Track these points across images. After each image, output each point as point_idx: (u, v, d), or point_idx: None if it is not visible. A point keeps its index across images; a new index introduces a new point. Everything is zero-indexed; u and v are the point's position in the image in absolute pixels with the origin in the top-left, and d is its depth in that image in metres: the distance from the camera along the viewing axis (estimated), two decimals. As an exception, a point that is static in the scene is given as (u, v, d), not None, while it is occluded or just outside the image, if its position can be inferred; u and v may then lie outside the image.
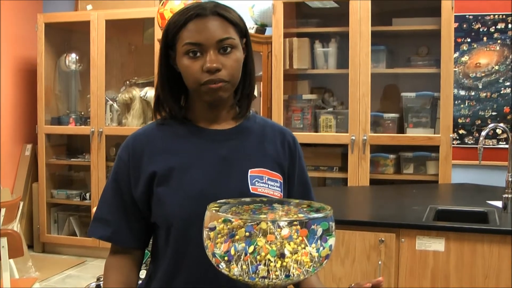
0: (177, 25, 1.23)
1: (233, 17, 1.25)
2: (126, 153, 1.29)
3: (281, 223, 0.94)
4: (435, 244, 2.20)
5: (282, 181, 1.30)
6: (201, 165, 1.25)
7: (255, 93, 4.77)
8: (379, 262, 2.25)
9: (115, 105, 4.63)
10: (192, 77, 1.22)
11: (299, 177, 1.37)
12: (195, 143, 1.28)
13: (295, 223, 0.95)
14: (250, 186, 1.24)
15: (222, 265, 0.96)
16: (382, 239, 2.25)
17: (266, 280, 0.93)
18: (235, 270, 0.94)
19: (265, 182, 1.27)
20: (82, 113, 4.89)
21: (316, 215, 0.97)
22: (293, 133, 1.41)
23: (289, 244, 0.93)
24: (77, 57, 4.83)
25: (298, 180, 1.37)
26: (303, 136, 3.83)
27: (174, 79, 1.28)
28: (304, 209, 1.03)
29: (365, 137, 3.70)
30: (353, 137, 3.72)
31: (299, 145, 1.39)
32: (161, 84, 1.29)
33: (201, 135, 1.29)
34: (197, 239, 1.15)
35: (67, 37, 4.96)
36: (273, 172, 1.29)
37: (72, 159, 4.87)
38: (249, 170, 1.26)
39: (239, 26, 1.26)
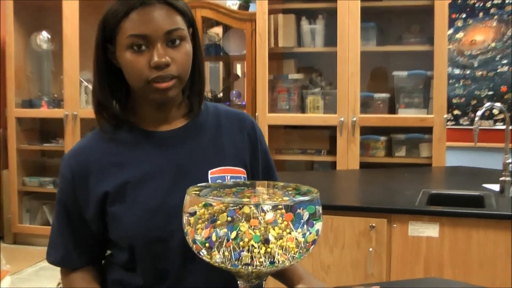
0: (117, 14, 1.12)
1: (180, 4, 1.16)
2: (69, 171, 1.21)
3: (265, 207, 0.93)
4: (429, 230, 2.20)
5: (245, 176, 1.26)
6: (156, 175, 1.19)
7: (239, 73, 4.63)
8: (370, 249, 2.25)
9: (90, 86, 4.49)
10: (138, 74, 1.12)
11: (263, 162, 1.33)
12: (146, 150, 1.21)
13: (280, 207, 0.93)
14: None
15: (203, 252, 0.95)
16: (373, 225, 2.25)
17: (249, 267, 0.92)
18: (217, 257, 0.93)
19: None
20: (55, 95, 4.77)
21: (302, 198, 0.97)
22: (279, 114, 1.33)
23: (274, 229, 0.92)
24: (49, 36, 4.70)
25: (262, 166, 1.33)
26: (289, 118, 3.85)
27: (114, 76, 1.19)
28: (290, 192, 1.03)
29: (354, 119, 3.68)
30: (342, 119, 3.71)
31: (258, 128, 1.35)
32: (99, 84, 1.20)
33: (151, 140, 1.22)
34: (164, 254, 1.17)
35: (38, 15, 4.83)
36: (235, 168, 1.25)
37: (45, 144, 4.77)
38: (209, 172, 1.21)
39: (187, 15, 1.18)
